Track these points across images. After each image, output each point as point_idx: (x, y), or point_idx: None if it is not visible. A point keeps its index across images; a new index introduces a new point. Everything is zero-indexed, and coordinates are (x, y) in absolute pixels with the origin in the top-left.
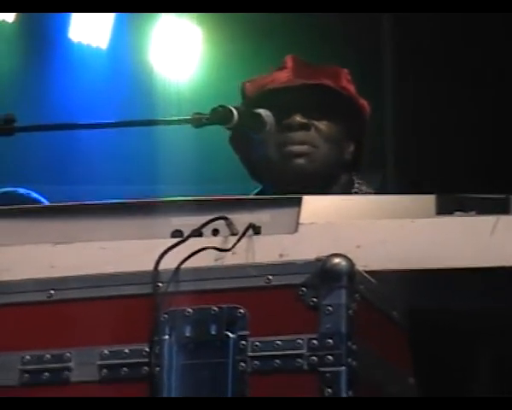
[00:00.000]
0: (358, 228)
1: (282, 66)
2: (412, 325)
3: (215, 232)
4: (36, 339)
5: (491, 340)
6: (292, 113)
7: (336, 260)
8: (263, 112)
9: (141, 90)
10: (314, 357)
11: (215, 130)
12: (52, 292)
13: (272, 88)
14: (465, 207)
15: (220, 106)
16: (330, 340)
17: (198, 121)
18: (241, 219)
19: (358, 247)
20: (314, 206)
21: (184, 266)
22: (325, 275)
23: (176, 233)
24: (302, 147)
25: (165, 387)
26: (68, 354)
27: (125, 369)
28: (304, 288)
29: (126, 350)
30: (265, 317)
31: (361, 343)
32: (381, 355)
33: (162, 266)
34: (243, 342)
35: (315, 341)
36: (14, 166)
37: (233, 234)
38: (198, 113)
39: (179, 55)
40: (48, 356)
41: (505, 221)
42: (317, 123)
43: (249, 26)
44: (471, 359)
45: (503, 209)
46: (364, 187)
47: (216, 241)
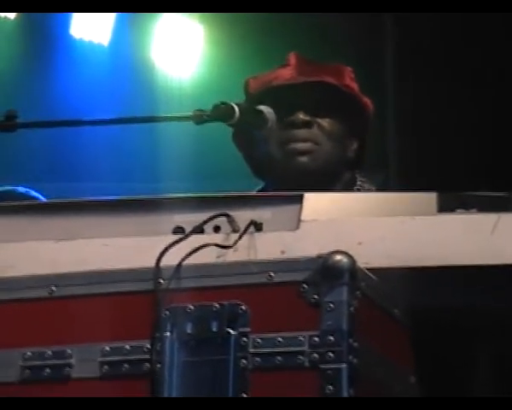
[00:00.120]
0: (360, 225)
1: (286, 63)
2: (413, 323)
3: (216, 229)
4: (37, 335)
5: (491, 338)
6: (295, 110)
7: (338, 257)
8: (264, 109)
9: (142, 86)
10: (315, 354)
11: (216, 127)
12: (54, 288)
13: (275, 85)
14: (466, 205)
15: (222, 103)
16: (331, 337)
17: (199, 118)
18: (243, 215)
19: (360, 244)
20: (315, 203)
21: (186, 263)
22: (326, 272)
23: (177, 230)
24: (305, 144)
25: (166, 384)
26: (69, 351)
27: (126, 366)
28: (305, 285)
29: (127, 347)
30: (267, 314)
31: (362, 341)
32: (383, 353)
33: (164, 263)
34: (244, 338)
35: (316, 338)
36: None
37: (234, 231)
38: (199, 109)
39: (181, 51)
40: (49, 352)
41: (506, 219)
42: (320, 121)
43: (251, 24)
44: (472, 356)
45: (505, 207)
46: (367, 185)
47: (217, 238)
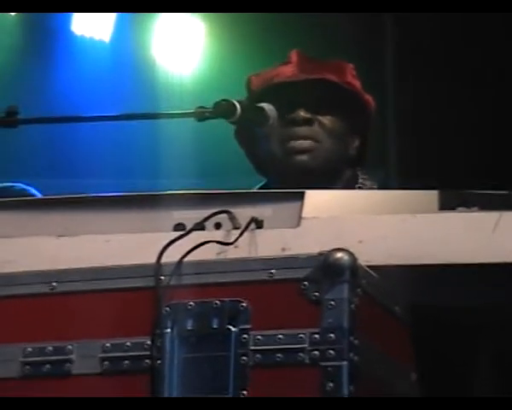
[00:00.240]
0: (361, 223)
1: (287, 60)
2: (414, 321)
3: (217, 226)
4: (38, 331)
5: (492, 336)
6: (296, 107)
7: (338, 254)
8: (266, 106)
9: (144, 83)
10: (316, 351)
11: (218, 124)
12: (54, 284)
13: (277, 82)
14: (468, 203)
15: (223, 100)
16: (332, 334)
17: (201, 115)
18: (244, 212)
19: (361, 242)
20: (316, 200)
21: (187, 260)
22: (327, 269)
23: (178, 227)
24: (305, 142)
25: (166, 380)
26: (70, 347)
27: (127, 362)
28: (306, 282)
29: (128, 343)
30: (267, 311)
31: (363, 338)
32: (383, 350)
33: (164, 260)
34: (245, 335)
35: (317, 335)
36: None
37: (235, 228)
38: (201, 106)
39: (182, 48)
40: (49, 348)
41: (508, 217)
42: (321, 118)
43: (252, 21)
44: (473, 354)
45: (506, 206)
46: (369, 182)
47: (218, 234)
